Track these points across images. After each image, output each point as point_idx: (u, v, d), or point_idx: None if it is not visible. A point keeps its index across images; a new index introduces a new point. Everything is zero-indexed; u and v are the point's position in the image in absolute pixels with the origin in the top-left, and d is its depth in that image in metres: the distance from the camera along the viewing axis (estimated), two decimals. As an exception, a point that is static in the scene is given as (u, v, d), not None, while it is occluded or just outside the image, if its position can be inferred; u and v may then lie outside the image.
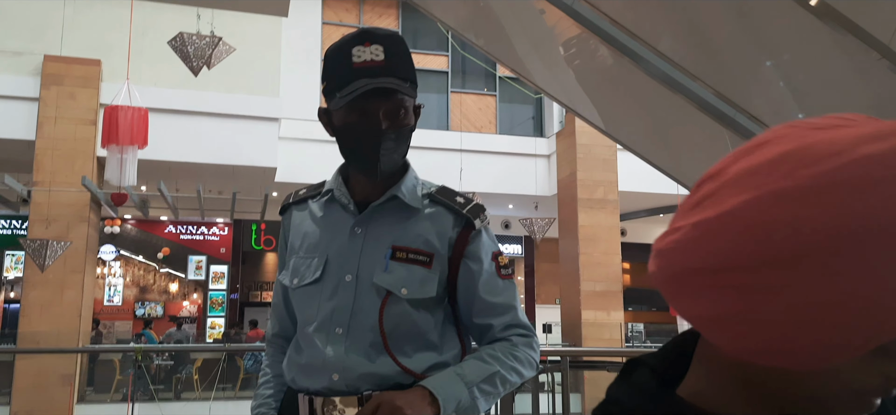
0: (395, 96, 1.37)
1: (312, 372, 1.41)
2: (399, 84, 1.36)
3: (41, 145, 9.94)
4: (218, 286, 15.92)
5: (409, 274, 1.39)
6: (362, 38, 1.38)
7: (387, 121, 1.38)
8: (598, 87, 4.03)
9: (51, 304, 9.64)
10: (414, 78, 1.42)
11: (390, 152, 1.39)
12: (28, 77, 10.16)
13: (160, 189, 10.54)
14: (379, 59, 1.35)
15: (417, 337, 1.41)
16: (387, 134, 1.38)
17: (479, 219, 1.46)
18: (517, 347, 1.44)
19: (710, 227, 0.56)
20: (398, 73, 1.36)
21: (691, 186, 1.79)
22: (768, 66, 3.02)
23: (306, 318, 1.45)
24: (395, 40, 1.40)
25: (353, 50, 1.36)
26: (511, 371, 1.40)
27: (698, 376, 0.65)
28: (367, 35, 1.38)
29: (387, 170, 1.41)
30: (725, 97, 3.10)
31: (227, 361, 10.88)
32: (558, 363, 6.10)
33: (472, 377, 1.35)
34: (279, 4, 5.27)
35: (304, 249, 1.48)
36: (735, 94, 3.06)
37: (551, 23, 3.64)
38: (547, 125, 14.19)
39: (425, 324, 1.42)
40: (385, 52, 1.36)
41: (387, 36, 1.40)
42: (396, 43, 1.40)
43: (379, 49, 1.36)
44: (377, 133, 1.37)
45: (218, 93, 10.71)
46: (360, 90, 1.33)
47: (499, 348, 1.42)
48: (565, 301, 11.94)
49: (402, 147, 1.42)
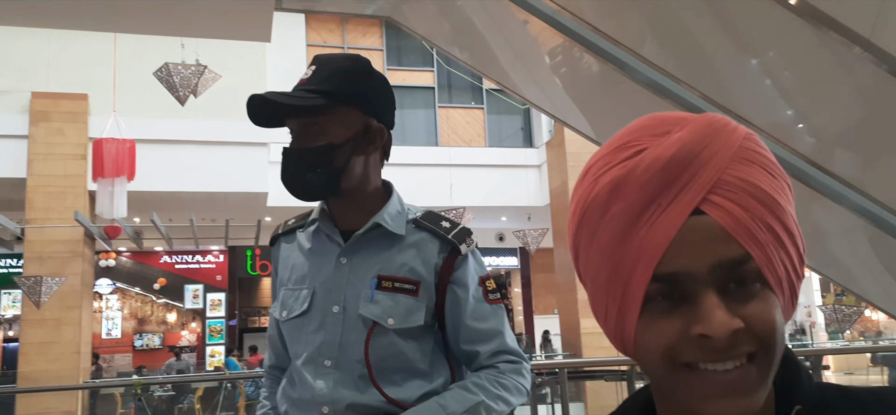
0: (299, 112, 1.34)
1: (303, 406, 1.39)
2: (300, 96, 1.31)
3: (32, 183, 9.91)
4: (216, 314, 15.84)
5: (395, 304, 1.37)
6: (310, 63, 1.38)
7: (294, 137, 1.36)
8: (585, 96, 4.03)
9: (49, 341, 9.59)
10: (351, 95, 1.35)
11: (301, 171, 1.35)
12: (16, 115, 10.14)
13: (153, 220, 10.50)
14: (306, 76, 1.34)
15: (406, 367, 1.38)
16: (287, 152, 1.36)
17: (465, 244, 1.42)
18: (505, 374, 1.40)
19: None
20: (315, 87, 1.32)
21: None
22: (753, 66, 3.03)
23: (296, 350, 1.43)
24: (332, 60, 1.37)
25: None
26: (497, 400, 1.37)
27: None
28: (314, 58, 1.38)
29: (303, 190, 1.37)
30: (712, 100, 3.10)
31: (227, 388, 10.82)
32: (557, 375, 6.07)
33: (454, 408, 1.32)
34: (261, 31, 5.26)
35: (292, 281, 1.46)
36: (722, 97, 3.06)
37: (534, 33, 3.65)
38: (536, 135, 14.21)
39: (413, 353, 1.39)
40: (315, 70, 1.34)
41: (329, 56, 1.38)
42: (332, 62, 1.36)
43: (312, 68, 1.35)
44: (284, 150, 1.36)
45: (206, 120, 10.71)
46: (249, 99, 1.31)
47: (485, 377, 1.39)
48: (563, 311, 11.91)
49: (319, 166, 1.35)
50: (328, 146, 1.33)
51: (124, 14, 5.63)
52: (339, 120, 1.34)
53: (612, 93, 3.73)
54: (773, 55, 2.87)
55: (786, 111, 3.12)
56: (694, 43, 3.11)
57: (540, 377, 6.18)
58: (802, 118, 3.06)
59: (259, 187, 11.08)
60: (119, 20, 6.08)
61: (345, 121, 1.35)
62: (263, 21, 5.37)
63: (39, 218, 9.85)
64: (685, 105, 3.24)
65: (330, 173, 1.35)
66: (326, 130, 1.34)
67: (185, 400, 11.14)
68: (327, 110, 1.33)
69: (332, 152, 1.34)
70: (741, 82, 3.05)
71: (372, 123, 1.39)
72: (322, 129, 1.34)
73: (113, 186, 8.79)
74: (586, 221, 0.61)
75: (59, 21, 6.45)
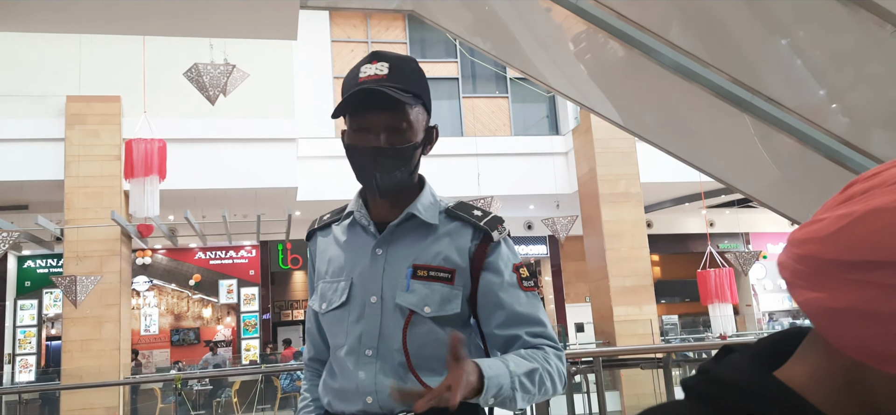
0: (393, 108, 1.36)
1: (347, 396, 1.42)
2: (398, 93, 1.34)
3: (70, 184, 10.14)
4: (250, 308, 16.06)
5: (430, 292, 1.39)
6: (371, 58, 1.40)
7: (384, 134, 1.37)
8: (611, 82, 4.00)
9: (90, 339, 9.82)
10: (423, 96, 1.41)
11: (389, 169, 1.38)
12: (53, 119, 10.37)
13: (187, 217, 10.68)
14: (382, 72, 1.36)
15: (444, 355, 1.40)
16: (383, 150, 1.37)
17: (498, 231, 1.44)
18: (549, 356, 1.40)
19: (856, 219, 0.55)
20: (401, 85, 1.35)
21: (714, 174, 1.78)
22: (783, 46, 2.98)
23: (337, 342, 1.46)
24: (403, 59, 1.40)
25: (361, 68, 1.38)
26: (547, 375, 1.37)
27: (802, 366, 0.63)
28: (377, 55, 1.40)
29: (387, 187, 1.40)
30: (741, 82, 3.06)
31: (264, 382, 10.98)
32: (591, 364, 6.02)
33: (514, 368, 1.30)
34: (288, 29, 5.31)
35: (329, 273, 1.49)
36: (750, 78, 3.02)
37: (557, 20, 3.63)
38: (562, 122, 14.11)
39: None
40: (390, 67, 1.37)
41: (396, 56, 1.40)
42: (405, 61, 1.40)
43: (384, 65, 1.37)
44: (374, 148, 1.37)
45: (235, 119, 10.85)
46: (352, 90, 1.34)
47: (534, 353, 1.39)
48: (595, 299, 11.84)
49: (404, 165, 1.40)
50: (415, 145, 1.40)
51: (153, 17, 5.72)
52: (419, 120, 1.41)
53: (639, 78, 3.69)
54: (804, 34, 2.82)
55: (818, 91, 3.06)
56: (721, 24, 3.07)
57: (574, 366, 6.15)
58: (836, 98, 3.00)
59: (289, 182, 11.19)
60: (149, 23, 6.18)
61: (421, 121, 1.41)
62: (289, 19, 5.42)
63: (77, 218, 10.07)
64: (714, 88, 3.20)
65: (410, 171, 1.42)
66: (413, 128, 1.39)
67: (223, 394, 11.33)
68: (413, 109, 1.39)
69: (415, 151, 1.40)
70: (771, 63, 3.01)
71: (431, 124, 1.46)
72: (410, 127, 1.38)
73: (145, 185, 8.94)
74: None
75: (90, 25, 6.57)
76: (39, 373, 14.56)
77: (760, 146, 3.52)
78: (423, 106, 1.42)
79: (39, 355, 15.01)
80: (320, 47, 13.51)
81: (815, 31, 2.76)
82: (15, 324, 14.91)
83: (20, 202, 11.60)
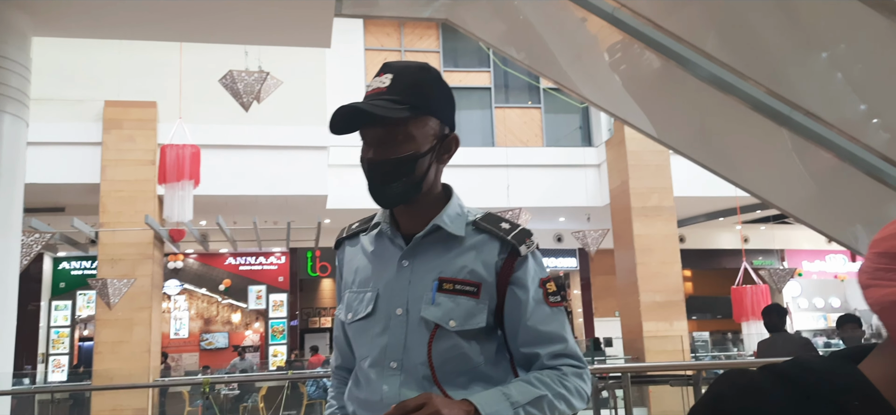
0: (381, 123, 1.34)
1: (370, 407, 1.41)
2: (387, 108, 1.31)
3: (105, 187, 10.33)
4: (278, 314, 16.20)
5: (455, 306, 1.37)
6: (380, 70, 1.39)
7: (373, 147, 1.36)
8: (646, 93, 3.96)
9: (121, 341, 9.97)
10: (430, 105, 1.38)
11: (387, 180, 1.37)
12: (91, 123, 10.58)
13: (218, 223, 10.81)
14: (383, 85, 1.35)
15: (469, 369, 1.39)
16: (376, 163, 1.36)
17: (525, 245, 1.42)
18: (567, 376, 1.37)
19: None
20: (398, 97, 1.33)
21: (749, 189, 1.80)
22: (822, 59, 2.92)
23: (362, 352, 1.45)
24: (409, 70, 1.38)
25: (370, 81, 1.38)
26: (559, 398, 1.34)
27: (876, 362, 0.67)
28: (386, 66, 1.39)
29: (387, 198, 1.38)
30: (778, 95, 3.00)
31: (290, 388, 11.04)
32: (620, 380, 5.95)
33: (517, 398, 1.29)
34: (322, 36, 5.36)
35: (356, 283, 1.49)
36: (788, 91, 2.96)
37: (593, 31, 3.60)
38: (595, 134, 14.02)
39: (477, 355, 1.39)
40: (393, 79, 1.35)
41: (403, 66, 1.38)
42: (411, 72, 1.37)
43: (388, 77, 1.36)
44: (367, 160, 1.37)
45: (268, 126, 10.95)
46: (336, 111, 1.33)
47: (547, 375, 1.36)
48: (624, 314, 11.71)
49: (404, 175, 1.37)
50: (414, 155, 1.36)
51: (191, 23, 5.82)
52: (422, 130, 1.37)
53: (674, 90, 3.65)
54: (844, 48, 2.76)
55: (858, 106, 3.00)
56: (759, 36, 3.02)
57: (602, 382, 6.08)
58: (876, 113, 2.93)
59: (319, 190, 11.27)
60: (186, 29, 6.29)
61: (427, 130, 1.37)
62: (324, 27, 5.47)
63: (112, 222, 10.25)
64: (750, 101, 3.15)
65: (413, 182, 1.37)
66: (412, 139, 1.36)
67: (250, 399, 11.41)
68: (412, 120, 1.35)
69: (417, 162, 1.36)
70: (810, 76, 2.95)
71: (447, 132, 1.42)
72: (408, 138, 1.36)
73: (179, 190, 9.07)
74: None
75: (129, 32, 6.71)
76: (71, 373, 14.83)
77: (798, 161, 3.45)
78: (431, 115, 1.38)
79: (72, 356, 15.29)
80: (354, 55, 13.61)
81: (856, 44, 2.70)
82: (49, 324, 15.21)
83: (57, 204, 11.84)
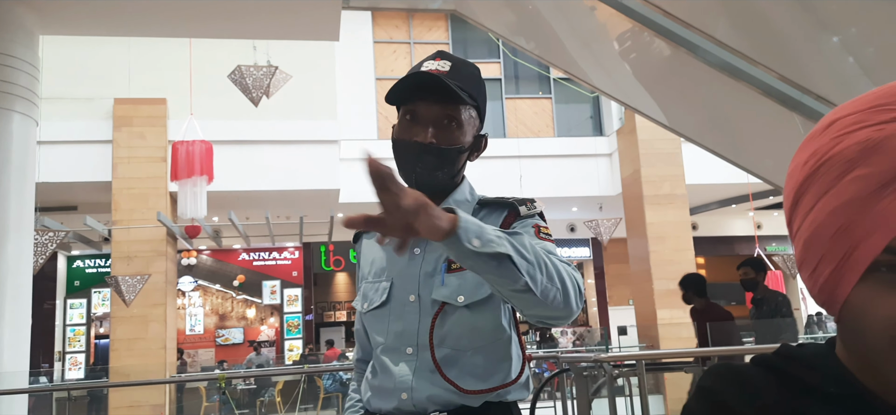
0: (447, 101, 1.35)
1: (384, 394, 1.43)
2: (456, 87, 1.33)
3: (117, 185, 10.39)
4: (293, 309, 16.26)
5: (463, 282, 1.38)
6: (435, 56, 1.41)
7: (433, 127, 1.36)
8: (656, 81, 3.93)
9: (137, 338, 10.05)
10: (479, 100, 1.40)
11: (431, 168, 1.37)
12: (101, 121, 10.64)
13: (231, 219, 10.85)
14: (444, 69, 1.37)
15: (481, 346, 1.40)
16: (429, 147, 1.35)
17: (525, 206, 1.43)
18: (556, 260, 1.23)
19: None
20: (461, 84, 1.35)
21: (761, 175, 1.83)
22: (833, 43, 2.88)
23: (377, 340, 1.48)
24: (466, 63, 1.41)
25: (423, 63, 1.40)
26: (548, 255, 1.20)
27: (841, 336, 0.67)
28: (441, 54, 1.42)
29: (425, 187, 1.36)
30: (790, 80, 2.97)
31: (306, 382, 11.10)
32: (634, 367, 5.94)
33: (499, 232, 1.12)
34: (330, 30, 5.35)
35: (372, 274, 1.51)
36: (800, 76, 2.93)
37: (602, 19, 3.58)
38: (606, 123, 13.96)
39: (486, 327, 1.39)
40: (452, 66, 1.38)
41: (460, 59, 1.41)
42: (467, 66, 1.41)
43: (447, 63, 1.38)
44: (419, 144, 1.35)
45: (278, 121, 10.97)
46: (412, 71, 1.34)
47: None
48: (638, 302, 11.68)
49: (447, 166, 1.38)
50: (461, 149, 1.39)
51: (199, 19, 5.83)
52: (470, 122, 1.40)
53: (685, 77, 3.62)
54: (855, 31, 2.73)
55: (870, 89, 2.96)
56: (769, 21, 2.98)
57: (617, 369, 6.06)
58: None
59: (331, 184, 11.28)
60: (194, 25, 6.30)
61: (472, 124, 1.41)
62: (332, 20, 5.46)
63: (124, 219, 10.31)
64: (761, 87, 3.12)
65: (452, 175, 1.41)
66: (462, 128, 1.38)
67: (266, 393, 11.48)
68: (467, 109, 1.38)
69: (460, 155, 1.40)
70: (821, 60, 2.91)
71: (482, 132, 1.46)
72: (459, 126, 1.38)
73: (192, 186, 9.11)
74: (821, 175, 0.60)
75: (138, 29, 6.73)
76: (88, 371, 14.97)
77: (811, 146, 3.41)
78: (477, 111, 1.42)
79: (88, 353, 15.43)
80: (363, 48, 13.60)
81: (867, 27, 2.67)
82: (65, 322, 15.35)
83: (69, 203, 11.92)
